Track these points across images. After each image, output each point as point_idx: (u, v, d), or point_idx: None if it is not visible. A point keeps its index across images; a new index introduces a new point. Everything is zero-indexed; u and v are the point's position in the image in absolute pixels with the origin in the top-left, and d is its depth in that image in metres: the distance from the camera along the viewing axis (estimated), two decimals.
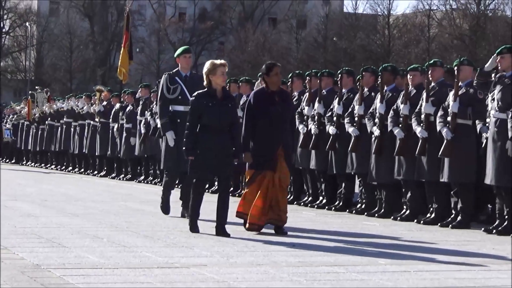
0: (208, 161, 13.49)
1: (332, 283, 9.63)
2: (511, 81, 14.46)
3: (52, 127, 35.89)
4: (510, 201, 14.34)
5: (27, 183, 26.62)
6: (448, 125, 15.15)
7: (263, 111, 13.86)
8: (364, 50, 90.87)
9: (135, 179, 28.01)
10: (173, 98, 16.33)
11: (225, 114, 13.55)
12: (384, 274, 10.34)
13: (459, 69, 15.52)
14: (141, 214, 17.34)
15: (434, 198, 15.79)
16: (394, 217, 16.29)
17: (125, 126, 28.25)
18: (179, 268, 10.53)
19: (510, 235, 14.03)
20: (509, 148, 14.06)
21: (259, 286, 9.28)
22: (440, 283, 9.74)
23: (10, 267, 10.25)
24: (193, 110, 13.67)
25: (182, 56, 16.68)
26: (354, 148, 17.19)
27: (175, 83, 16.35)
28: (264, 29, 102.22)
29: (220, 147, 13.48)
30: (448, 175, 15.15)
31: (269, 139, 13.82)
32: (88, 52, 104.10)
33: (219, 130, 13.55)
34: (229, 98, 13.92)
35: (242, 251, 12.08)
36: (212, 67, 13.59)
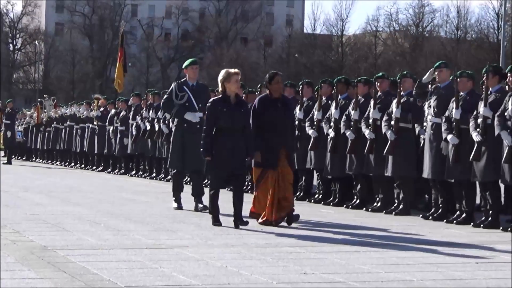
0: (224, 160, 12.83)
1: (294, 261, 9.62)
2: (445, 91, 14.56)
3: (57, 129, 35.88)
4: (444, 192, 14.42)
5: (36, 177, 26.55)
6: (392, 128, 15.21)
7: (267, 116, 13.30)
8: (321, 65, 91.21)
9: (128, 173, 27.96)
10: (181, 104, 15.73)
11: (238, 118, 12.92)
12: (337, 253, 10.35)
13: (401, 81, 15.62)
14: (133, 203, 17.29)
15: (380, 190, 15.84)
16: (346, 206, 16.31)
17: (119, 128, 28.22)
18: (165, 248, 10.52)
19: (443, 220, 14.09)
20: (443, 147, 14.13)
21: (233, 264, 9.27)
22: (385, 261, 9.76)
23: (22, 248, 10.23)
24: (210, 115, 13.04)
25: (189, 67, 16.16)
26: (314, 147, 17.21)
27: (183, 91, 15.78)
28: (236, 47, 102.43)
29: (234, 147, 12.84)
30: (392, 170, 15.20)
31: (273, 141, 13.21)
32: (88, 66, 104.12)
33: (233, 132, 12.89)
34: (241, 104, 13.23)
35: (218, 235, 12.07)
36: (227, 75, 13.03)
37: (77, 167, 33.24)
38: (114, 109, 29.55)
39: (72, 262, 9.22)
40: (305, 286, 8.01)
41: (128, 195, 19.24)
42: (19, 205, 16.18)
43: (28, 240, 11.02)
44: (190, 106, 15.64)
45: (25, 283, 7.87)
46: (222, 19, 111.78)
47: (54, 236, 11.49)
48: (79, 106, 34.64)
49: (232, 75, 12.98)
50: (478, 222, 13.56)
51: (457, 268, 9.36)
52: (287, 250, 10.54)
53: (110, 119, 29.25)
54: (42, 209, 15.50)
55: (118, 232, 12.17)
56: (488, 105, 13.41)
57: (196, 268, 8.94)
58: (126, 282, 8.04)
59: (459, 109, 13.85)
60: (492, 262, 9.80)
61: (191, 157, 15.44)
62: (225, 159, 12.78)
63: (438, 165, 14.26)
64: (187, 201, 15.79)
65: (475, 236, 12.35)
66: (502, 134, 12.96)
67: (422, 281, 8.43)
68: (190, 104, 15.66)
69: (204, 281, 8.20)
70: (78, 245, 10.61)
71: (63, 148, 35.15)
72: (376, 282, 8.29)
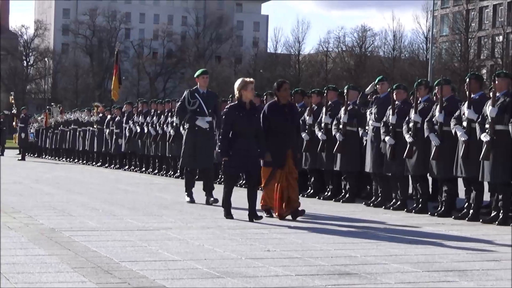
0: (239, 160, 11.91)
1: (259, 240, 9.63)
2: (383, 100, 14.60)
3: (63, 131, 35.78)
4: (382, 183, 14.46)
5: (45, 171, 26.42)
6: (340, 131, 15.23)
7: (275, 120, 12.35)
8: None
9: (122, 168, 27.89)
10: (193, 109, 14.81)
11: (252, 122, 12.03)
12: (295, 234, 10.36)
13: (348, 92, 15.66)
14: (126, 193, 17.23)
15: (330, 181, 15.88)
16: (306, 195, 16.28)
17: (114, 131, 28.18)
18: (152, 230, 10.49)
19: (382, 207, 14.13)
20: (382, 147, 14.17)
21: (208, 242, 9.26)
22: (334, 240, 9.77)
23: (33, 230, 10.19)
24: (227, 119, 12.08)
25: (201, 77, 15.16)
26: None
27: (194, 97, 14.88)
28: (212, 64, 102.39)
29: (249, 149, 11.93)
30: (340, 165, 15.23)
31: (280, 143, 12.27)
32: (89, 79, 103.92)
33: (248, 135, 11.96)
34: (255, 109, 12.29)
35: (196, 219, 12.06)
36: (244, 83, 12.19)
37: (79, 163, 33.11)
38: (110, 114, 29.53)
39: (75, 241, 9.20)
40: (268, 260, 8.01)
41: (122, 186, 19.19)
42: (31, 194, 16.12)
43: (38, 223, 10.97)
44: (201, 111, 14.87)
45: (36, 259, 7.85)
46: (200, 40, 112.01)
47: (61, 220, 11.45)
48: (81, 112, 34.66)
49: (248, 84, 12.23)
50: (410, 208, 13.62)
51: (393, 246, 9.39)
52: (253, 232, 10.54)
53: (107, 123, 29.22)
54: (50, 197, 15.44)
55: (114, 216, 12.13)
56: (418, 112, 13.49)
57: (178, 246, 8.94)
58: (120, 257, 8.02)
59: (395, 115, 13.90)
60: (422, 240, 9.85)
61: (201, 156, 14.81)
62: (240, 159, 11.92)
63: (377, 161, 14.32)
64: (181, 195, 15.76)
65: (408, 220, 12.40)
66: (431, 136, 13.03)
67: (364, 257, 8.45)
68: (201, 110, 14.88)
69: (184, 257, 8.19)
70: (80, 228, 10.58)
71: (68, 147, 35.09)
72: (327, 258, 8.31)
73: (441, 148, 12.90)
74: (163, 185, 20.21)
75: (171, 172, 23.71)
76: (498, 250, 9.15)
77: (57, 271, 7.21)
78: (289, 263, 7.90)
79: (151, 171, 25.23)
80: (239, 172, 12.32)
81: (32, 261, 7.69)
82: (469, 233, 10.77)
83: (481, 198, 12.56)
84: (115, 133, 28.12)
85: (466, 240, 10.11)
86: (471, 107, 12.31)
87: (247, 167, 12.08)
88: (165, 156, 23.98)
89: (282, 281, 6.98)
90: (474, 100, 12.43)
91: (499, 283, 7.08)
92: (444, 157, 12.86)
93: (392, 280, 7.11)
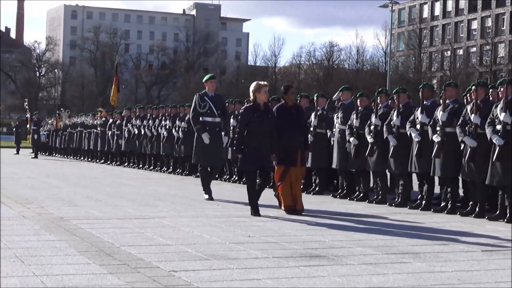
0: (253, 157, 11.14)
1: (241, 227, 9.61)
2: (348, 106, 14.61)
3: (71, 133, 35.69)
4: (347, 178, 14.47)
5: (55, 167, 26.31)
6: (311, 133, 15.21)
7: (283, 121, 11.60)
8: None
9: (122, 165, 27.83)
10: (203, 112, 14.06)
11: (266, 122, 11.26)
12: (272, 222, 10.35)
13: (317, 99, 15.67)
14: (126, 186, 17.18)
15: None
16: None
17: (115, 132, 28.15)
18: (148, 218, 10.46)
19: (347, 198, 14.15)
20: (347, 146, 14.18)
21: (197, 229, 9.24)
22: (306, 227, 9.77)
23: (45, 219, 10.13)
24: (242, 119, 11.42)
25: (209, 81, 14.33)
26: None
27: (204, 101, 14.14)
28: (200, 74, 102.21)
29: (262, 147, 11.18)
30: (311, 162, 15.22)
31: (290, 142, 11.56)
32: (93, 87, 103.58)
33: (262, 135, 11.20)
34: (269, 111, 11.50)
35: (187, 209, 12.03)
36: (258, 86, 11.45)
37: (85, 160, 32.99)
38: (112, 118, 29.55)
39: (81, 228, 9.15)
40: (249, 245, 8.00)
41: (122, 181, 19.12)
42: (43, 187, 16.04)
43: (49, 213, 10.91)
44: (211, 113, 14.13)
45: (48, 244, 7.81)
46: (190, 54, 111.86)
47: (68, 210, 11.39)
48: (86, 116, 34.60)
49: (262, 87, 11.47)
50: (371, 199, 13.64)
51: (357, 232, 9.41)
52: (236, 220, 10.52)
53: (109, 125, 29.18)
54: (60, 190, 15.37)
55: (115, 207, 12.08)
56: (378, 117, 13.51)
57: (171, 233, 8.91)
58: (120, 242, 7.99)
59: (358, 119, 13.93)
60: (381, 227, 9.87)
61: (211, 154, 14.07)
62: (254, 156, 11.15)
63: (343, 159, 14.33)
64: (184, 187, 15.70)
65: (369, 209, 12.42)
66: (389, 137, 13.06)
67: (332, 242, 8.45)
68: (211, 111, 14.14)
69: (176, 241, 8.17)
70: (86, 216, 10.53)
71: (75, 146, 35.00)
72: (299, 242, 8.31)
73: (398, 148, 12.94)
74: (158, 179, 20.16)
75: (165, 168, 23.69)
76: (446, 236, 9.18)
77: (65, 254, 7.18)
78: (267, 247, 7.89)
79: (147, 167, 25.23)
80: (253, 168, 11.27)
81: (43, 246, 7.66)
82: (422, 221, 10.81)
83: (432, 190, 12.59)
84: (116, 134, 28.09)
85: (419, 227, 10.14)
86: (424, 112, 12.37)
87: (260, 164, 11.26)
88: (160, 154, 23.96)
89: (261, 262, 6.98)
90: (427, 106, 12.49)
91: (448, 264, 7.11)
92: (400, 155, 12.90)
93: (356, 262, 7.12)
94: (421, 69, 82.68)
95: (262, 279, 6.20)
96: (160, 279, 6.09)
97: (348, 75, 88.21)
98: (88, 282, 5.93)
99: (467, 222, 10.74)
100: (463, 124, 11.56)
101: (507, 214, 10.78)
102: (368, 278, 6.35)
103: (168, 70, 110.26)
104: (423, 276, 6.47)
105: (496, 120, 10.95)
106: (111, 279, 6.05)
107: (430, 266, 6.96)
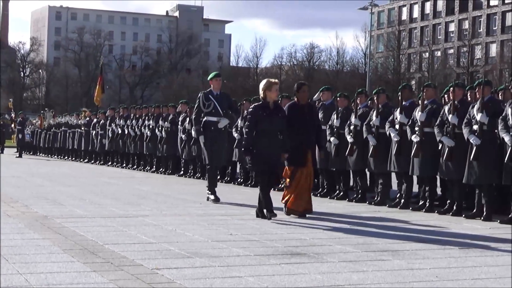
0: (263, 157, 10.43)
1: (223, 226, 9.61)
2: (328, 107, 14.62)
3: (55, 133, 35.56)
4: (328, 177, 14.47)
5: (39, 166, 26.18)
6: None
7: (296, 120, 10.96)
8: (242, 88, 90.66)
9: (105, 164, 27.74)
10: (208, 111, 13.32)
11: (275, 122, 10.54)
12: (254, 221, 10.35)
13: None
14: (109, 185, 17.12)
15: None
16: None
17: (99, 132, 28.05)
18: (131, 217, 10.43)
19: (328, 197, 14.15)
20: (328, 146, 14.15)
21: (180, 228, 9.22)
22: (286, 225, 9.76)
23: (29, 217, 10.08)
24: (251, 118, 10.62)
25: (214, 79, 13.61)
26: None
27: (209, 100, 13.39)
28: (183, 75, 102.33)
29: (272, 147, 10.45)
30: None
31: (302, 142, 10.86)
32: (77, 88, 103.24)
33: (271, 134, 10.50)
34: (279, 109, 10.82)
35: (169, 207, 12.00)
36: (269, 84, 10.71)
37: (69, 160, 32.86)
38: (95, 118, 29.46)
39: (65, 227, 9.11)
40: (231, 243, 8.00)
41: (106, 180, 19.06)
42: (27, 186, 15.96)
43: (33, 211, 10.86)
44: (216, 112, 13.38)
45: (32, 242, 7.77)
46: (173, 55, 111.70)
47: (52, 208, 11.34)
48: (71, 116, 34.55)
49: (273, 85, 10.71)
50: (351, 198, 13.65)
51: (337, 230, 9.42)
52: (218, 218, 10.51)
53: (93, 125, 29.07)
54: (44, 189, 15.29)
55: (99, 205, 12.04)
56: (358, 117, 13.54)
57: (154, 231, 8.89)
58: (104, 241, 7.97)
59: (339, 119, 13.95)
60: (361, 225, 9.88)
61: (216, 154, 13.30)
62: (264, 157, 10.44)
63: (324, 158, 14.33)
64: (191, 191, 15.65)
65: (349, 208, 12.44)
66: (368, 137, 13.09)
67: (312, 240, 8.47)
68: (216, 111, 13.39)
69: (159, 239, 8.15)
70: (69, 215, 10.48)
71: (59, 146, 34.83)
72: (280, 240, 8.31)
73: (377, 147, 12.97)
74: (141, 178, 20.11)
75: (148, 167, 23.64)
76: (425, 233, 9.21)
77: (49, 252, 7.15)
78: (249, 245, 7.89)
79: (130, 166, 25.17)
80: (262, 168, 10.57)
81: (28, 244, 7.62)
82: (400, 219, 10.84)
83: (411, 189, 12.63)
84: (100, 134, 27.99)
85: (398, 225, 10.17)
86: (402, 112, 12.41)
87: (268, 164, 10.53)
88: (143, 153, 23.90)
89: (243, 260, 6.98)
90: (405, 106, 12.53)
91: (426, 261, 7.13)
92: (379, 154, 12.93)
93: (336, 259, 7.13)
94: (400, 70, 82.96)
95: (244, 276, 6.19)
96: (143, 277, 6.07)
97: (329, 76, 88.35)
98: (72, 280, 5.90)
99: (444, 220, 10.78)
100: (441, 124, 11.61)
101: (484, 212, 10.84)
102: (348, 275, 6.36)
103: (151, 71, 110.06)
104: (402, 274, 6.49)
105: (473, 121, 11.01)
106: (95, 277, 6.03)
107: (408, 264, 6.98)
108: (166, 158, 22.22)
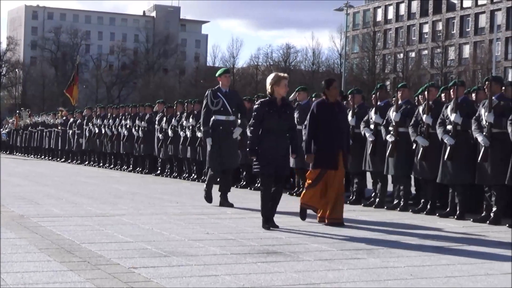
0: (269, 158, 9.45)
1: (200, 225, 9.59)
2: (305, 107, 14.62)
3: (32, 132, 35.40)
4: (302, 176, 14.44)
5: (16, 166, 26.00)
6: None
7: (325, 119, 10.05)
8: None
9: (82, 163, 27.62)
10: (216, 109, 12.59)
11: (283, 119, 9.57)
12: (230, 220, 10.35)
13: None
14: (86, 184, 17.03)
15: None
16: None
17: (76, 131, 27.96)
18: (108, 216, 10.38)
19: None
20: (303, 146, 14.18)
21: (157, 227, 9.20)
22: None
23: (5, 217, 9.99)
24: (257, 116, 9.62)
25: (223, 76, 12.84)
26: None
27: (217, 97, 12.60)
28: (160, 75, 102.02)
29: (279, 147, 9.51)
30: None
31: (332, 143, 9.96)
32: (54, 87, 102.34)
33: (279, 133, 9.53)
34: (287, 106, 9.78)
35: (146, 207, 11.96)
36: (277, 78, 9.66)
37: (46, 159, 32.68)
38: (72, 117, 29.36)
39: (42, 226, 9.06)
40: (207, 241, 7.99)
41: (83, 179, 18.97)
42: (4, 186, 15.80)
43: (10, 211, 10.78)
44: (225, 110, 12.67)
45: (8, 241, 7.71)
46: (149, 55, 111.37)
47: (29, 207, 11.27)
48: (47, 115, 34.42)
49: (282, 79, 9.70)
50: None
51: (312, 228, 9.44)
52: (195, 217, 10.50)
53: (70, 125, 28.99)
54: (20, 188, 15.19)
55: (75, 204, 11.98)
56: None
57: (130, 230, 8.86)
58: (80, 240, 7.93)
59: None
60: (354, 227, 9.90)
61: (225, 157, 12.56)
62: (271, 159, 9.48)
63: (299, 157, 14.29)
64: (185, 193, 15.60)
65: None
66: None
67: (288, 238, 8.48)
68: (225, 109, 12.66)
69: (136, 238, 8.12)
70: (46, 214, 10.42)
71: (36, 145, 34.67)
72: (257, 239, 8.32)
73: (352, 147, 12.97)
74: (118, 178, 20.03)
75: (125, 167, 23.56)
76: (399, 232, 9.25)
77: (26, 252, 7.10)
78: (225, 244, 7.88)
79: (108, 166, 25.07)
80: (269, 171, 9.54)
81: (4, 244, 7.55)
82: (375, 218, 10.88)
83: (386, 188, 12.69)
84: (77, 133, 27.90)
85: (373, 223, 10.21)
86: (377, 112, 12.46)
87: (276, 165, 9.55)
88: (120, 153, 23.83)
89: (219, 259, 6.97)
90: (380, 106, 12.58)
91: (400, 259, 7.16)
92: (354, 154, 12.94)
93: (312, 258, 7.14)
94: (375, 70, 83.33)
95: (221, 275, 6.19)
96: (120, 276, 6.05)
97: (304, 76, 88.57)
98: (49, 279, 5.86)
99: (419, 219, 10.84)
100: (415, 124, 11.68)
101: (457, 211, 10.91)
102: (323, 273, 6.37)
103: (128, 71, 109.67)
104: (376, 272, 6.51)
105: (447, 121, 11.08)
106: (72, 276, 6.00)
107: (383, 262, 7.01)
108: (143, 158, 22.18)
